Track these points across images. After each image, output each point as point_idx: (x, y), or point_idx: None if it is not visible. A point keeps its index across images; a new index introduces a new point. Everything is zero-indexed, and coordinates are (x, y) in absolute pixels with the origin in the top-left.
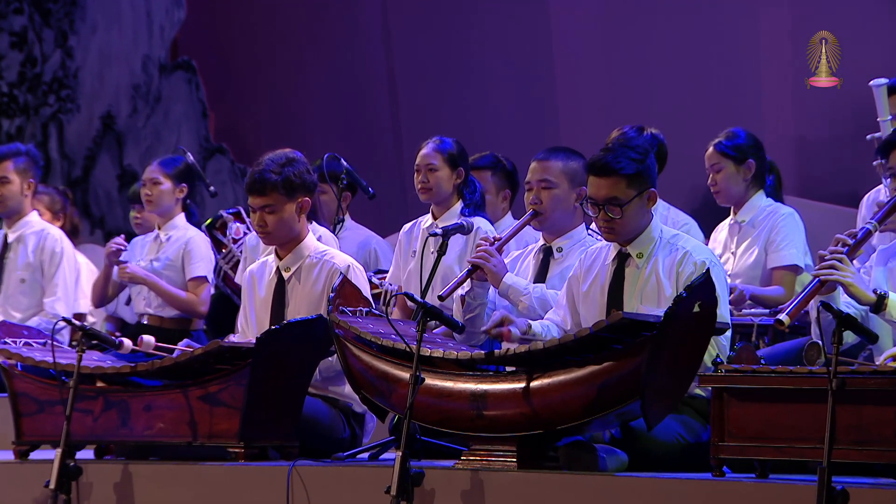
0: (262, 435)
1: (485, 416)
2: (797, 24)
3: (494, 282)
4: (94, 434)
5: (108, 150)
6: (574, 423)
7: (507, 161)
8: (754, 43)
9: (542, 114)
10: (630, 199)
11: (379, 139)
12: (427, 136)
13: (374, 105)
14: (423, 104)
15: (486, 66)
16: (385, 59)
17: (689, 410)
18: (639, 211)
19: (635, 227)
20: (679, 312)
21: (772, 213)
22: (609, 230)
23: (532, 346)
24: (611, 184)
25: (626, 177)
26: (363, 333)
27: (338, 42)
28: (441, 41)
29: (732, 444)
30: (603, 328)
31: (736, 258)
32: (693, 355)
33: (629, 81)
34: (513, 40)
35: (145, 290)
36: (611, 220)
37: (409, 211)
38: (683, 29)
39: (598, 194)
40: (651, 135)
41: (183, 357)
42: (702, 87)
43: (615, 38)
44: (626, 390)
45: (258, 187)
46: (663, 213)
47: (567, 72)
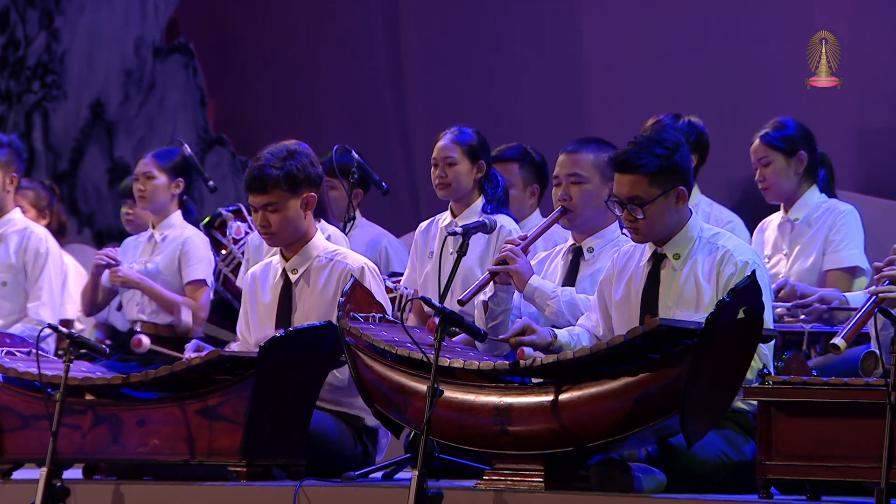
0: (265, 452)
1: (509, 432)
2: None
3: (519, 285)
4: (83, 451)
5: (97, 142)
6: (607, 439)
7: (537, 153)
8: (805, 23)
9: (573, 102)
10: (653, 199)
11: (393, 129)
12: (445, 127)
13: (388, 92)
14: (442, 91)
15: (512, 50)
16: (400, 43)
17: (732, 426)
18: (665, 211)
19: (662, 227)
20: (722, 319)
21: (829, 210)
22: (634, 231)
23: (561, 355)
24: (632, 181)
25: (649, 174)
26: (376, 341)
27: (348, 24)
28: (462, 23)
29: (781, 462)
30: (638, 336)
31: (790, 260)
32: (737, 366)
33: (664, 67)
34: (540, 23)
35: (138, 295)
36: (634, 221)
37: (425, 208)
38: (723, 9)
39: (620, 192)
40: (688, 123)
41: (179, 367)
42: (744, 72)
43: (648, 22)
44: (663, 404)
45: (258, 184)
46: (705, 209)
47: (598, 56)
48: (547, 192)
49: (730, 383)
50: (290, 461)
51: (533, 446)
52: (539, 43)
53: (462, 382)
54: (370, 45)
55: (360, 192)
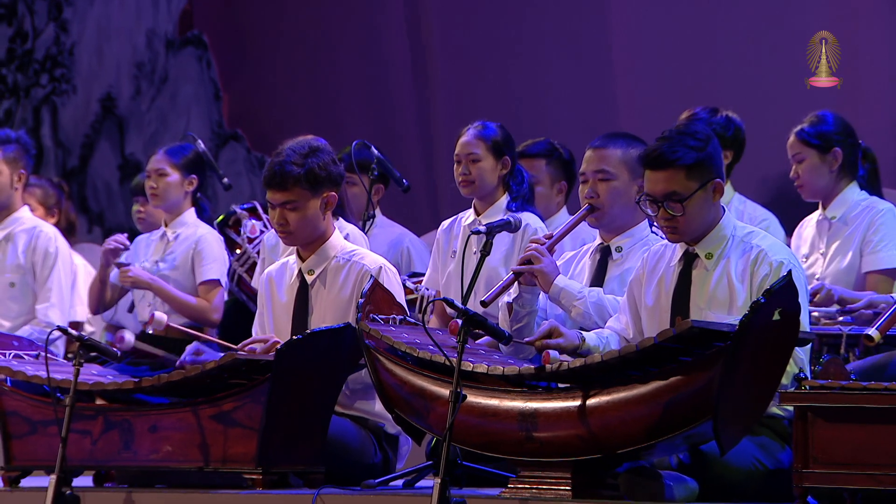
0: (282, 459)
1: (535, 439)
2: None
3: (545, 285)
4: (93, 458)
5: (107, 137)
6: (636, 446)
7: (564, 149)
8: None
9: (602, 96)
10: (692, 193)
11: (414, 124)
12: (469, 122)
13: (409, 86)
14: (465, 85)
15: (538, 42)
16: (422, 35)
17: (768, 432)
18: (703, 205)
19: (701, 224)
20: (757, 321)
21: (868, 208)
22: (671, 230)
23: (589, 359)
24: (668, 177)
25: (685, 167)
26: (397, 344)
27: (368, 15)
28: (486, 13)
29: (818, 470)
30: (669, 338)
31: (826, 259)
32: (772, 369)
33: (696, 59)
34: (567, 14)
35: (150, 296)
36: (672, 219)
37: (447, 206)
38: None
39: (655, 189)
40: (726, 118)
41: (193, 371)
42: (780, 64)
43: (679, 11)
44: (695, 409)
45: (278, 181)
46: (738, 207)
47: (628, 47)
48: (574, 190)
49: (764, 388)
50: (307, 468)
51: (559, 453)
52: (566, 34)
53: (486, 387)
54: (390, 36)
55: (382, 188)
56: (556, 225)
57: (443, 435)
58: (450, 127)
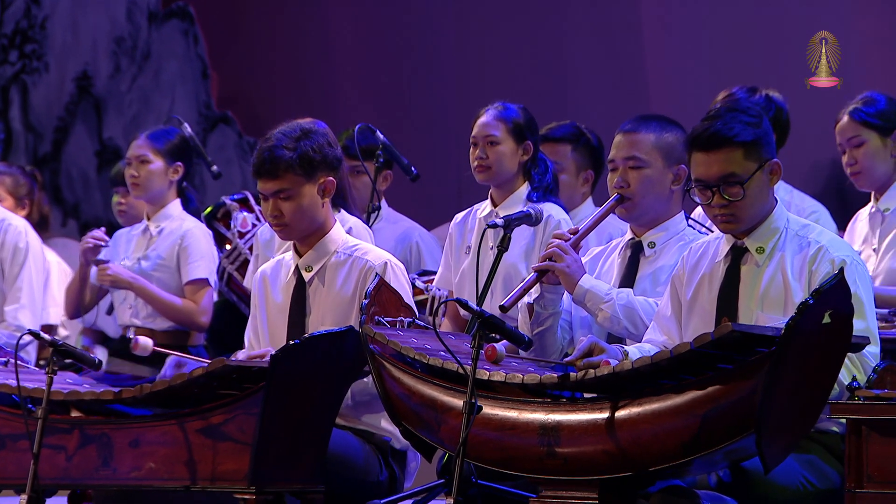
0: (278, 477)
1: (558, 455)
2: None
3: (568, 286)
4: (68, 476)
5: (84, 121)
6: (671, 463)
7: (592, 134)
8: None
9: (632, 76)
10: (752, 174)
11: (424, 106)
12: (485, 103)
13: (418, 64)
14: (481, 62)
15: (563, 15)
16: (431, 6)
17: (817, 448)
18: (762, 189)
19: (760, 210)
20: (804, 323)
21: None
22: (728, 218)
23: (618, 366)
24: (724, 157)
25: (743, 145)
26: (405, 350)
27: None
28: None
29: (874, 490)
30: (707, 343)
31: (879, 255)
32: (822, 378)
33: (730, 37)
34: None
35: (131, 297)
36: (729, 205)
37: (461, 196)
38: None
39: (709, 173)
40: (766, 97)
41: (178, 380)
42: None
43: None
44: (737, 422)
45: (268, 168)
46: (785, 197)
47: (658, 22)
48: (602, 179)
49: (814, 398)
50: (305, 487)
51: (585, 471)
52: (593, 9)
53: (503, 397)
54: (396, 8)
55: (390, 174)
56: (582, 217)
57: (456, 450)
58: (464, 108)
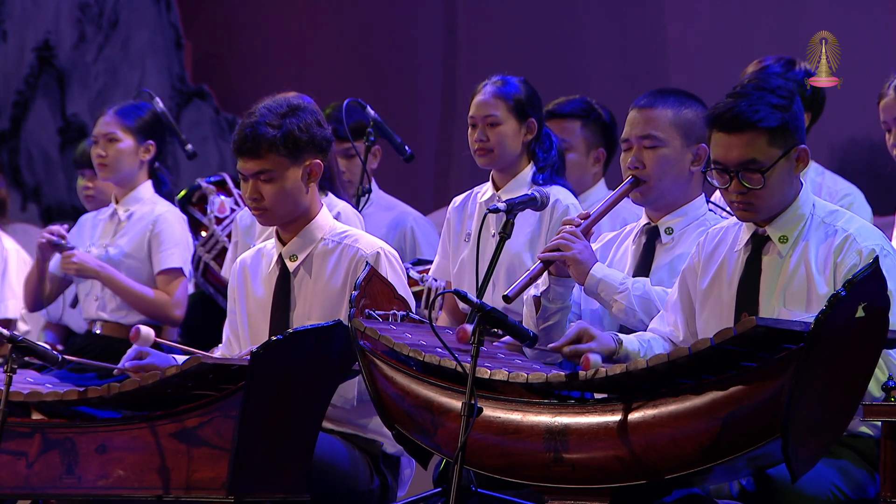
0: (259, 486)
1: (565, 461)
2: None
3: (579, 276)
4: (29, 484)
5: (45, 95)
6: (689, 470)
7: (603, 109)
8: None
9: (649, 46)
10: (774, 162)
11: (419, 80)
12: (485, 76)
13: (411, 33)
14: (482, 33)
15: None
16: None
17: (849, 454)
18: (785, 177)
19: (781, 199)
20: (835, 318)
21: None
22: (746, 206)
23: (630, 364)
24: (746, 142)
25: (768, 131)
26: (398, 346)
27: None
28: None
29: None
30: (729, 339)
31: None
32: (855, 377)
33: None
34: None
35: (98, 288)
36: (747, 193)
37: (459, 179)
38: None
39: (728, 157)
40: (804, 71)
41: (150, 380)
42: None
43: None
44: (761, 425)
45: (250, 146)
46: (816, 179)
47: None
48: (615, 159)
49: (846, 400)
50: (288, 497)
51: (595, 478)
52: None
53: (506, 398)
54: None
55: (379, 150)
56: (593, 201)
57: (454, 456)
58: (464, 82)
